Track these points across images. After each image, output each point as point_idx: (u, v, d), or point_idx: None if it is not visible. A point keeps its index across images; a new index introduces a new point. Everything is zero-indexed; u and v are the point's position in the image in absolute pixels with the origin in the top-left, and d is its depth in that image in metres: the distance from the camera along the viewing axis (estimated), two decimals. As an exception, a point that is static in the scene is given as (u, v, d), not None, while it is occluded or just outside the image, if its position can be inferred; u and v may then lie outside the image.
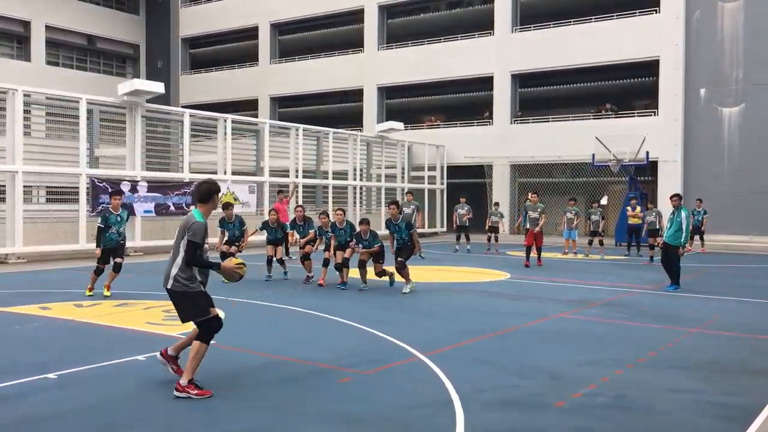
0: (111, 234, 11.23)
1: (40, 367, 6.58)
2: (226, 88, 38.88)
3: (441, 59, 32.30)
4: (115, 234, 11.29)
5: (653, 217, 18.98)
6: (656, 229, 18.78)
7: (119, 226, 11.33)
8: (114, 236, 11.28)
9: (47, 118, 23.50)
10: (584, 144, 26.74)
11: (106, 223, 11.21)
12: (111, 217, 11.25)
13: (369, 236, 12.52)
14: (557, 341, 8.20)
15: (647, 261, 18.30)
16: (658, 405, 5.74)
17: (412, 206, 20.28)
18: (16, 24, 35.69)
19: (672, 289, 12.73)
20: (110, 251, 11.25)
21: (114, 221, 11.26)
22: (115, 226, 11.27)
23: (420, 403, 5.69)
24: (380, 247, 12.55)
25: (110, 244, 11.24)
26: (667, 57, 27.18)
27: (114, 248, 11.31)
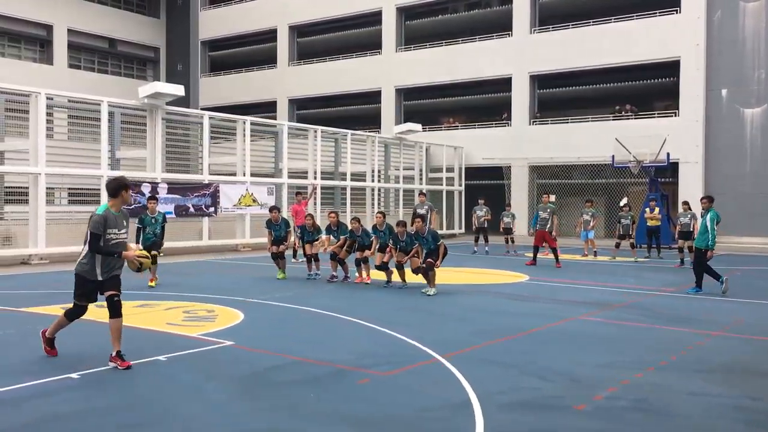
0: (147, 234, 12.62)
1: (63, 366, 6.65)
2: (245, 90, 39.10)
3: (459, 60, 32.26)
4: (151, 234, 12.67)
5: (688, 219, 18.58)
6: (689, 232, 18.41)
7: (154, 227, 12.71)
8: (150, 236, 12.66)
9: (69, 121, 23.80)
10: (604, 145, 26.56)
11: (143, 224, 12.67)
12: (146, 219, 12.71)
13: (406, 237, 12.71)
14: (577, 343, 8.16)
15: (678, 264, 17.96)
16: (679, 408, 5.69)
17: (425, 207, 20.20)
18: (39, 28, 36.16)
19: (693, 291, 12.60)
20: (149, 249, 12.25)
21: (149, 222, 12.69)
22: (150, 227, 12.67)
23: (438, 405, 5.68)
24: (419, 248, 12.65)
25: (147, 243, 12.49)
26: (688, 57, 26.93)
27: (151, 246, 12.52)
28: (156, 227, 12.76)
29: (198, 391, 5.99)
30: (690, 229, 18.37)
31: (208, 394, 5.93)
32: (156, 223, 12.79)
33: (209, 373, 6.59)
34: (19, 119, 19.88)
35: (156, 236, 12.76)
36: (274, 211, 14.54)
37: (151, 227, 12.71)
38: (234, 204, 21.51)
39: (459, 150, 31.50)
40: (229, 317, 9.57)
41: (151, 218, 12.76)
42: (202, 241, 20.58)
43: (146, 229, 12.66)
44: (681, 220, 18.70)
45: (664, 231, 21.28)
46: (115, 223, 6.78)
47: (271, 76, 38.68)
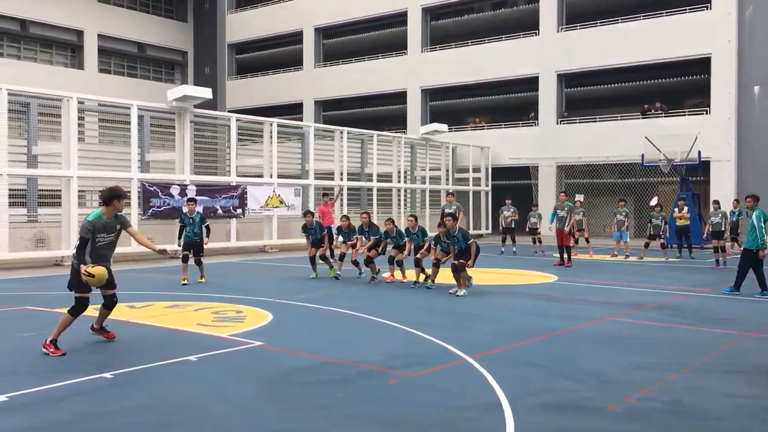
0: (187, 233, 13.67)
1: (96, 366, 6.74)
2: (272, 93, 39.35)
3: (485, 60, 32.12)
4: (191, 233, 13.65)
5: (719, 218, 18.26)
6: (721, 231, 18.09)
7: (193, 227, 13.67)
8: (190, 235, 13.66)
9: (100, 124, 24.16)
10: (633, 144, 26.25)
11: (183, 223, 13.79)
12: (186, 219, 13.75)
13: (446, 238, 12.74)
14: (608, 345, 8.06)
15: (714, 264, 17.65)
16: (713, 410, 5.60)
17: (453, 207, 20.13)
18: (70, 33, 36.76)
19: (728, 291, 12.37)
20: (190, 246, 13.66)
21: (188, 223, 13.69)
22: (189, 227, 13.67)
23: (468, 405, 5.65)
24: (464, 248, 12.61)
25: (188, 241, 13.65)
26: (720, 54, 26.51)
27: (192, 245, 13.68)
28: (195, 227, 13.69)
29: (228, 391, 6.03)
30: (721, 229, 18.06)
31: (238, 394, 5.97)
32: (194, 223, 13.70)
33: (239, 373, 6.63)
34: (52, 123, 20.23)
35: (196, 236, 13.72)
36: (308, 215, 14.89)
37: (190, 227, 13.67)
38: (261, 205, 21.64)
39: (485, 150, 31.36)
40: (258, 318, 9.62)
41: (189, 219, 13.73)
42: (230, 243, 20.74)
43: (186, 228, 13.68)
44: (712, 220, 18.39)
45: (694, 230, 20.96)
46: (104, 229, 7.59)
47: (298, 77, 38.88)
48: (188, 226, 13.67)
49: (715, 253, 17.82)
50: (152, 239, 19.65)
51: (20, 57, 35.26)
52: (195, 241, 13.70)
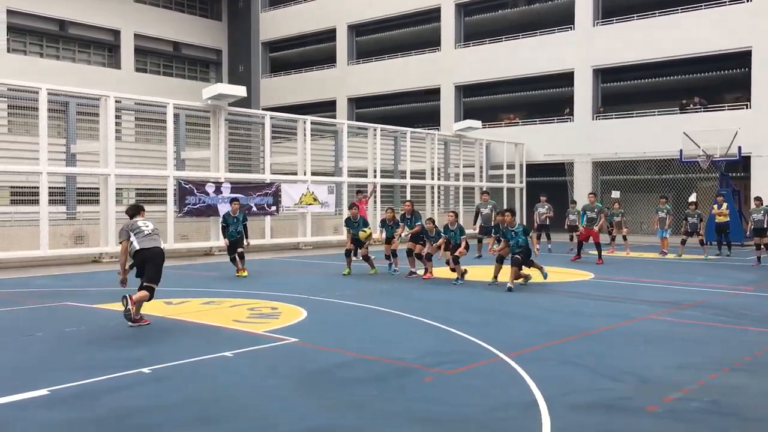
0: (231, 231, 14.42)
1: (135, 361, 6.84)
2: (305, 90, 39.51)
3: (519, 55, 31.82)
4: (234, 232, 14.43)
5: (761, 215, 17.86)
6: (763, 228, 17.70)
7: (236, 225, 14.44)
8: (233, 233, 14.44)
9: (136, 123, 24.51)
10: (671, 139, 25.79)
11: (226, 223, 14.54)
12: (229, 219, 14.52)
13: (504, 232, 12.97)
14: (646, 343, 7.93)
15: (755, 263, 17.29)
16: (755, 411, 5.47)
17: (489, 206, 20.03)
18: (108, 33, 37.35)
19: None
20: (234, 243, 14.41)
21: (231, 222, 14.46)
22: (232, 226, 14.42)
23: (504, 404, 5.60)
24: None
25: (232, 239, 14.42)
26: (761, 47, 25.87)
27: (235, 242, 14.42)
28: (238, 226, 14.44)
29: (264, 387, 6.07)
30: (764, 226, 17.64)
31: (274, 390, 6.00)
32: (237, 222, 14.47)
33: (275, 369, 6.67)
34: (90, 122, 20.60)
35: (239, 234, 14.45)
36: (353, 208, 15.24)
37: (233, 226, 14.42)
38: (295, 203, 21.75)
39: (520, 146, 31.09)
40: (293, 314, 9.67)
41: (233, 218, 14.50)
42: (264, 240, 20.88)
43: (229, 227, 14.43)
44: (754, 217, 17.97)
45: (734, 228, 20.53)
46: (139, 227, 9.07)
47: (331, 75, 38.98)
48: (231, 226, 14.41)
49: (757, 250, 17.43)
50: (187, 236, 19.96)
51: (59, 57, 35.93)
52: (238, 239, 14.44)
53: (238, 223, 14.47)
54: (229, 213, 14.76)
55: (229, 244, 14.49)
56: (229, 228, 14.45)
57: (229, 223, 14.48)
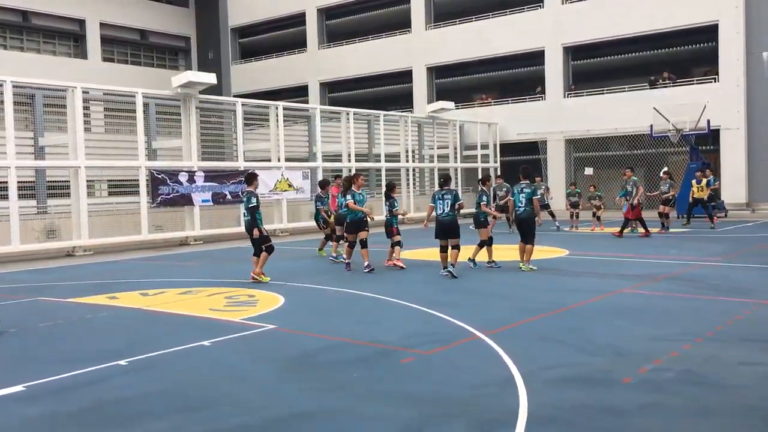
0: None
1: (112, 354, 6.79)
2: (277, 76, 39.19)
3: (490, 35, 31.81)
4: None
5: (666, 187, 19.36)
6: (668, 198, 19.27)
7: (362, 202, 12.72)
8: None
9: (106, 113, 24.15)
10: (641, 115, 26.03)
11: (354, 199, 12.53)
12: (356, 195, 12.61)
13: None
14: (621, 317, 8.04)
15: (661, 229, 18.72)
16: (730, 379, 5.58)
17: (504, 189, 20.50)
18: (72, 23, 36.67)
19: None
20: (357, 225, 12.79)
21: (359, 198, 12.64)
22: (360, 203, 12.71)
23: (483, 382, 5.66)
24: None
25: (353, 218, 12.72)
26: (727, 21, 26.15)
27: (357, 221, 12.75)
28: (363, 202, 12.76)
29: (245, 374, 6.06)
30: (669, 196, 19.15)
31: (255, 376, 6.00)
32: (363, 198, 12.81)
33: (255, 356, 6.67)
34: (58, 114, 20.25)
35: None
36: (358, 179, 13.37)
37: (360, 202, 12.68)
38: (270, 189, 21.64)
39: (493, 126, 31.19)
40: (270, 301, 9.65)
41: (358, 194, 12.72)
42: (240, 228, 20.73)
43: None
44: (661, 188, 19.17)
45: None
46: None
47: (302, 60, 38.69)
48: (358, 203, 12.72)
49: (661, 217, 19.07)
50: (162, 227, 19.80)
51: (23, 49, 35.23)
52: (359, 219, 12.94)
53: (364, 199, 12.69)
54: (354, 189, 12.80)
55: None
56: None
57: (356, 200, 12.62)
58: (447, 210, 11.49)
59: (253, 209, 11.40)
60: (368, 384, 5.68)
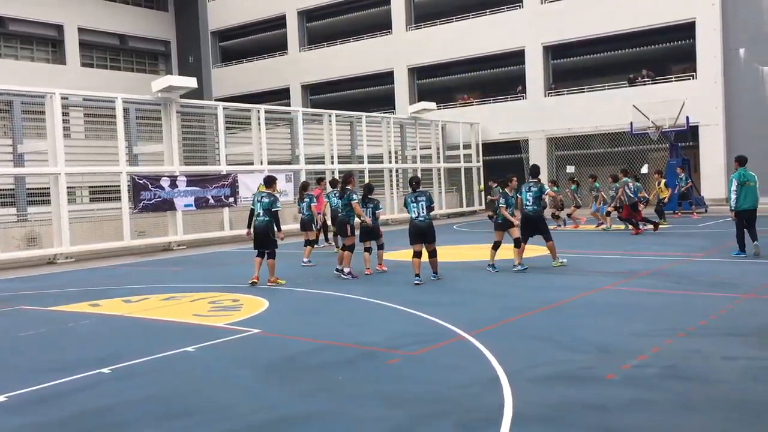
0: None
1: (95, 362, 6.73)
2: (258, 79, 39.09)
3: (471, 36, 31.94)
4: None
5: (613, 191, 18.96)
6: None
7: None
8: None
9: (85, 119, 23.97)
10: (621, 113, 26.25)
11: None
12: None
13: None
14: (605, 314, 8.10)
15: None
16: (712, 373, 5.63)
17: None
18: (50, 28, 36.35)
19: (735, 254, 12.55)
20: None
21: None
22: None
23: (468, 381, 5.67)
24: None
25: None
26: (704, 18, 26.43)
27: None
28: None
29: (230, 379, 6.03)
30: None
31: (240, 381, 5.97)
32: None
33: (239, 361, 6.64)
34: (37, 120, 20.06)
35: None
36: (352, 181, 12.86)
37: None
38: (253, 193, 21.50)
39: (475, 126, 31.29)
40: (255, 305, 9.62)
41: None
42: (224, 232, 20.69)
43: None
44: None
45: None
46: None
47: (283, 62, 38.62)
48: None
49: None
50: (145, 232, 19.66)
51: (1, 55, 34.88)
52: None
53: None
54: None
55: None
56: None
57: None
58: (422, 213, 11.00)
59: (277, 211, 11.46)
60: (354, 386, 5.68)
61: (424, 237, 11.04)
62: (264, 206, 11.39)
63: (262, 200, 11.48)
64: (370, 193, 12.52)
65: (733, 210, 12.41)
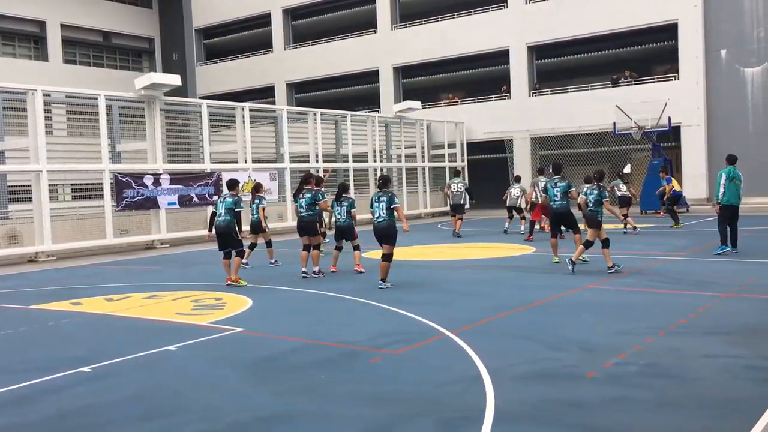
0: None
1: (75, 361, 6.68)
2: (242, 77, 38.92)
3: (456, 35, 31.98)
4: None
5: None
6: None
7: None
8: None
9: (68, 116, 23.73)
10: (605, 113, 26.39)
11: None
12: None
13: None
14: (586, 312, 8.15)
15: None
16: (692, 371, 5.69)
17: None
18: (32, 24, 35.98)
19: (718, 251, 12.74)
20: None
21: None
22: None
23: (450, 379, 5.68)
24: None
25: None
26: (686, 19, 26.64)
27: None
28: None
29: (212, 379, 6.01)
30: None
31: (222, 380, 5.95)
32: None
33: (221, 360, 6.61)
34: (18, 117, 19.83)
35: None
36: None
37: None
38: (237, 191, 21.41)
39: (460, 125, 31.34)
40: (238, 304, 9.58)
41: None
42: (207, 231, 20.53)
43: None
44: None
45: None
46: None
47: (268, 60, 38.47)
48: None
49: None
50: (128, 230, 19.52)
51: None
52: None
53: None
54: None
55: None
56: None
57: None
58: (383, 213, 10.52)
59: (239, 212, 11.67)
60: (336, 385, 5.67)
61: (382, 238, 10.58)
62: (227, 206, 11.50)
63: (226, 200, 11.60)
64: (345, 192, 12.29)
65: (719, 203, 12.58)
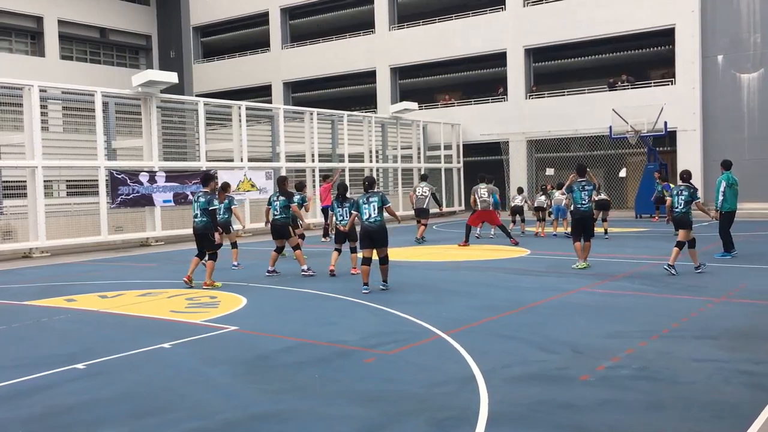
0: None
1: (69, 357, 6.68)
2: (239, 75, 38.90)
3: (453, 37, 32.03)
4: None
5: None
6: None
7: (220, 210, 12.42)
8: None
9: (64, 113, 23.71)
10: (601, 116, 26.47)
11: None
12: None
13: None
14: (579, 315, 8.18)
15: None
16: (683, 375, 5.72)
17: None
18: (29, 20, 35.88)
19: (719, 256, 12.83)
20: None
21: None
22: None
23: (443, 380, 5.70)
24: None
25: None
26: (683, 24, 26.74)
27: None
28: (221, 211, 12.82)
29: (205, 377, 6.02)
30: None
31: (215, 379, 5.95)
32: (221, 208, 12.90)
33: (215, 358, 6.62)
34: (14, 113, 19.78)
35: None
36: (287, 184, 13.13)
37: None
38: (233, 190, 21.40)
39: (456, 127, 31.39)
40: (232, 302, 9.59)
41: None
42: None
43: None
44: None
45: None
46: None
47: (265, 59, 38.46)
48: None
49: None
50: (122, 228, 19.50)
51: (-22, 46, 34.40)
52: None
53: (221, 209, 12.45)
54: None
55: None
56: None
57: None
58: (374, 214, 10.16)
59: (213, 211, 11.00)
60: (330, 384, 5.69)
61: (375, 241, 10.24)
62: (201, 206, 10.96)
63: (199, 200, 11.02)
64: (346, 193, 12.07)
65: (718, 210, 12.70)
